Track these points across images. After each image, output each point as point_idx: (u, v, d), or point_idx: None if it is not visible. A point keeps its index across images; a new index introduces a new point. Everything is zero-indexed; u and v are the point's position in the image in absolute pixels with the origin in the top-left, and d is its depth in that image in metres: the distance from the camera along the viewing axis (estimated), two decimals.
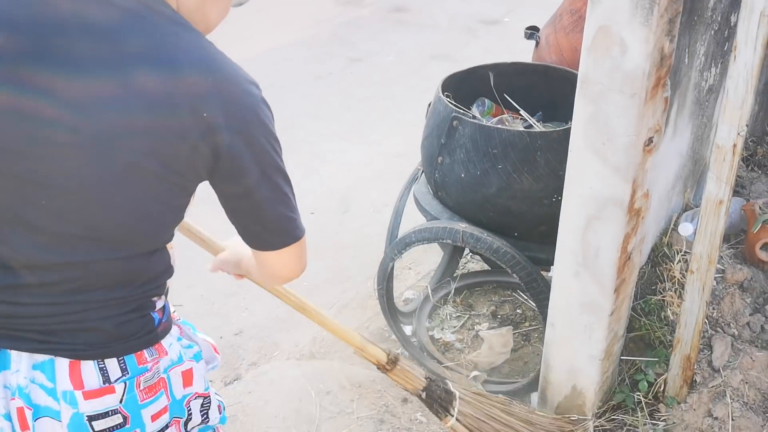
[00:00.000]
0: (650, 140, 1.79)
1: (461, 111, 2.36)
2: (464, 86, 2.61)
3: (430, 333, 2.72)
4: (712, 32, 2.08)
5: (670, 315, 2.16)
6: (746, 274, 2.21)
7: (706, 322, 2.09)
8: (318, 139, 4.26)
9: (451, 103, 2.37)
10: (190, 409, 1.28)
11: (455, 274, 2.91)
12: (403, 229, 2.57)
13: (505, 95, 2.66)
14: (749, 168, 2.78)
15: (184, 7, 1.12)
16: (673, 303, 2.16)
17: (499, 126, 2.34)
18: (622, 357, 2.21)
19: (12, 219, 1.09)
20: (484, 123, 2.34)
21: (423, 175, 2.62)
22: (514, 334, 2.68)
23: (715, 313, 2.16)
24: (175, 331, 1.29)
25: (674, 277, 2.19)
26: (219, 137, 1.07)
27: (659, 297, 2.20)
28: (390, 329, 2.70)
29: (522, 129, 2.37)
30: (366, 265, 3.14)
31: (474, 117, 2.48)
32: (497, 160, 2.21)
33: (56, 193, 1.07)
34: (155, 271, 1.20)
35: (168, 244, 1.23)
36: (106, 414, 1.16)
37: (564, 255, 2.00)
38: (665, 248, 2.27)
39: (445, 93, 2.45)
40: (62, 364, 1.14)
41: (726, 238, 2.31)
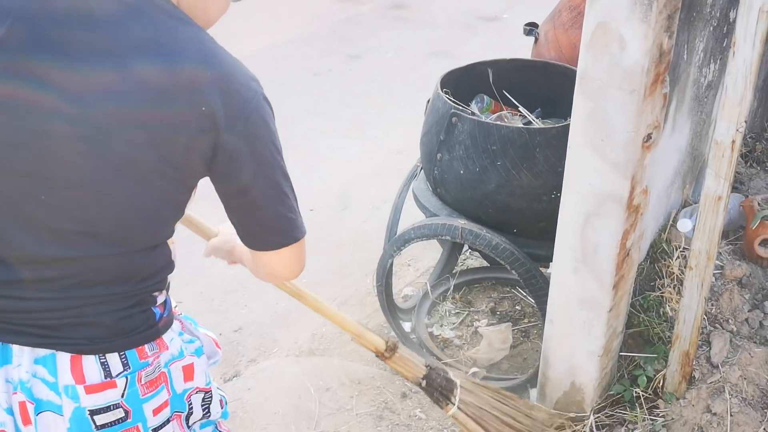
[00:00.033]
0: (649, 136, 1.79)
1: (460, 108, 2.36)
2: (463, 83, 2.60)
3: (429, 329, 2.73)
4: (711, 28, 2.08)
5: (669, 311, 2.16)
6: (745, 270, 2.21)
7: (704, 318, 2.09)
8: (317, 135, 4.26)
9: (450, 100, 2.37)
10: (191, 403, 1.29)
11: (454, 271, 2.92)
12: (402, 226, 2.57)
13: (504, 92, 2.66)
14: (748, 164, 2.79)
15: (184, 2, 1.12)
16: (672, 299, 2.16)
17: (498, 123, 2.34)
18: (621, 353, 2.21)
19: (12, 214, 1.09)
20: (483, 120, 2.34)
21: (422, 171, 2.62)
22: (513, 330, 2.68)
23: (713, 310, 2.17)
24: (176, 326, 1.29)
25: (673, 273, 2.19)
26: (217, 132, 1.07)
27: (658, 293, 2.20)
28: (389, 326, 2.70)
29: (521, 125, 2.37)
30: (365, 261, 3.14)
31: (473, 114, 2.48)
32: (496, 157, 2.22)
33: (55, 189, 1.07)
34: (156, 266, 1.20)
35: (169, 240, 1.23)
36: (108, 408, 1.17)
37: (563, 251, 2.00)
38: (664, 244, 2.27)
39: (444, 90, 2.45)
40: (64, 358, 1.15)
41: (725, 234, 2.31)
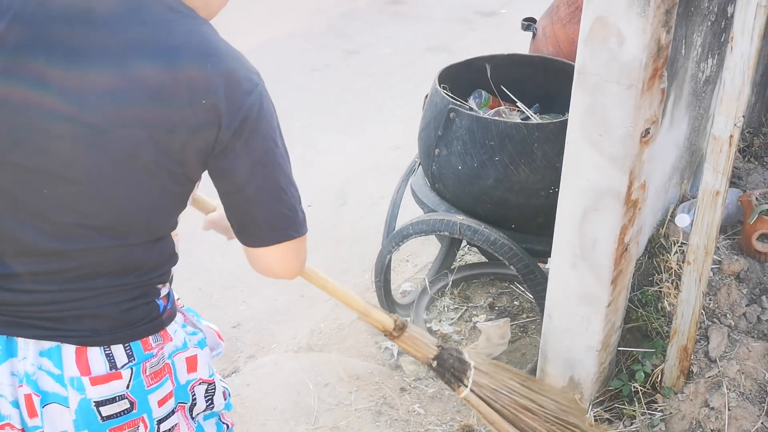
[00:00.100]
0: (647, 131, 1.79)
1: (458, 103, 2.36)
2: (461, 78, 2.60)
3: (428, 325, 2.73)
4: (709, 23, 2.07)
5: (667, 306, 2.17)
6: (743, 265, 2.21)
7: (702, 313, 2.09)
8: (314, 131, 4.26)
9: (448, 95, 2.37)
10: (194, 394, 1.29)
11: (453, 266, 2.92)
12: (401, 222, 2.57)
13: (502, 87, 2.66)
14: (746, 159, 2.79)
15: None
16: (670, 294, 2.16)
17: (496, 118, 2.34)
18: (619, 348, 2.21)
19: (13, 207, 1.09)
20: (481, 115, 2.34)
21: (420, 167, 2.62)
22: (511, 325, 2.69)
23: (711, 304, 2.17)
24: (179, 318, 1.29)
25: (671, 268, 2.20)
26: (218, 126, 1.07)
27: (656, 288, 2.21)
28: None
29: (519, 121, 2.37)
30: (363, 257, 3.14)
31: (471, 109, 2.48)
32: (494, 152, 2.21)
33: (56, 182, 1.07)
34: (159, 258, 1.20)
35: (173, 232, 1.23)
36: (114, 399, 1.17)
37: (561, 246, 2.00)
38: (662, 239, 2.27)
39: (442, 85, 2.45)
40: (69, 350, 1.15)
41: (722, 229, 2.31)
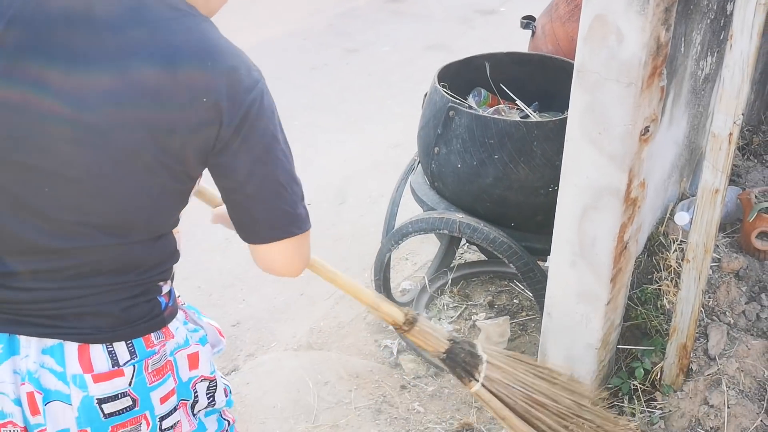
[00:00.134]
0: (646, 129, 1.79)
1: (457, 101, 2.36)
2: (460, 76, 2.60)
3: None
4: (708, 21, 2.07)
5: (667, 304, 2.17)
6: (742, 262, 2.22)
7: (701, 310, 2.09)
8: (314, 130, 4.26)
9: (448, 94, 2.37)
10: (196, 391, 1.29)
11: (452, 265, 2.92)
12: (400, 220, 2.57)
13: (502, 85, 2.66)
14: (745, 157, 2.79)
15: None
16: (669, 292, 2.16)
17: (496, 116, 2.34)
18: (619, 346, 2.22)
19: (15, 206, 1.09)
20: (480, 113, 2.34)
21: (419, 165, 2.62)
22: (511, 324, 2.69)
23: (710, 302, 2.17)
24: (180, 315, 1.29)
25: (670, 266, 2.20)
26: (219, 123, 1.07)
27: (655, 286, 2.21)
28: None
29: (518, 119, 2.37)
30: (363, 255, 3.14)
31: (470, 107, 2.47)
32: (494, 151, 2.21)
33: (57, 181, 1.07)
34: (161, 256, 1.20)
35: (174, 229, 1.23)
36: (116, 397, 1.17)
37: (560, 245, 2.01)
38: (661, 237, 2.27)
39: (442, 83, 2.45)
40: (71, 348, 1.15)
41: (722, 227, 2.31)
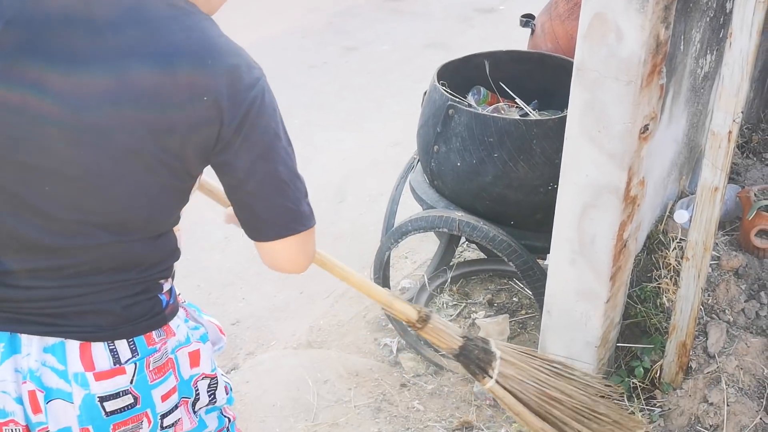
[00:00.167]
0: (646, 127, 1.79)
1: (457, 99, 2.36)
2: (460, 75, 2.60)
3: None
4: (708, 19, 2.07)
5: (666, 302, 2.17)
6: (741, 260, 2.22)
7: (701, 308, 2.10)
8: (313, 128, 4.25)
9: (447, 92, 2.37)
10: (197, 389, 1.29)
11: (451, 263, 2.92)
12: (400, 218, 2.57)
13: (501, 83, 2.66)
14: (744, 155, 2.79)
15: None
16: (669, 290, 2.16)
17: (495, 114, 2.34)
18: (618, 344, 2.22)
19: (15, 204, 1.09)
20: (479, 111, 2.34)
21: (419, 163, 2.62)
22: (510, 322, 2.69)
23: (710, 300, 2.17)
24: (181, 313, 1.29)
25: (670, 264, 2.20)
26: (220, 121, 1.07)
27: (655, 284, 2.21)
28: (387, 318, 2.71)
29: (518, 117, 2.37)
30: (362, 254, 3.14)
31: (470, 105, 2.47)
32: (493, 149, 2.21)
33: (57, 180, 1.07)
34: (162, 254, 1.20)
35: (175, 227, 1.23)
36: (117, 395, 1.17)
37: (560, 243, 2.01)
38: (661, 235, 2.27)
39: (441, 81, 2.44)
40: (73, 346, 1.15)
41: (721, 225, 2.31)
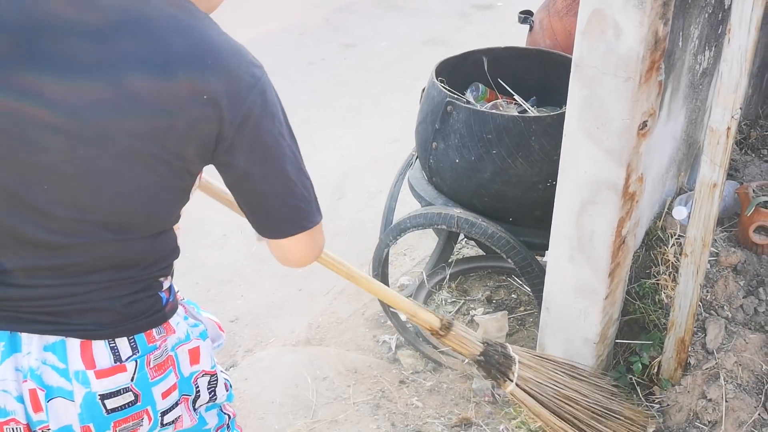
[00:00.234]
0: (644, 124, 1.79)
1: (455, 96, 2.35)
2: (458, 71, 2.60)
3: None
4: (706, 15, 2.07)
5: (665, 298, 2.17)
6: (740, 257, 2.22)
7: (699, 305, 2.10)
8: (311, 125, 4.25)
9: (445, 89, 2.36)
10: (197, 386, 1.29)
11: (450, 260, 2.92)
12: (398, 215, 2.57)
13: (500, 80, 2.66)
14: (743, 151, 2.79)
15: None
16: (668, 286, 2.16)
17: (494, 111, 2.33)
18: (617, 340, 2.22)
19: (15, 203, 1.08)
20: (478, 108, 2.33)
21: (417, 160, 2.62)
22: (509, 318, 2.69)
23: (708, 296, 2.17)
24: (180, 310, 1.29)
25: (668, 260, 2.20)
26: (220, 121, 1.07)
27: (653, 280, 2.21)
28: (386, 315, 2.71)
29: (516, 114, 2.37)
30: (361, 251, 3.14)
31: (468, 102, 2.47)
32: (491, 146, 2.21)
33: (56, 178, 1.06)
34: (162, 252, 1.20)
35: (174, 225, 1.23)
36: (118, 392, 1.17)
37: (558, 239, 2.01)
38: (659, 232, 2.27)
39: (439, 78, 2.44)
40: (73, 344, 1.15)
41: (720, 221, 2.31)
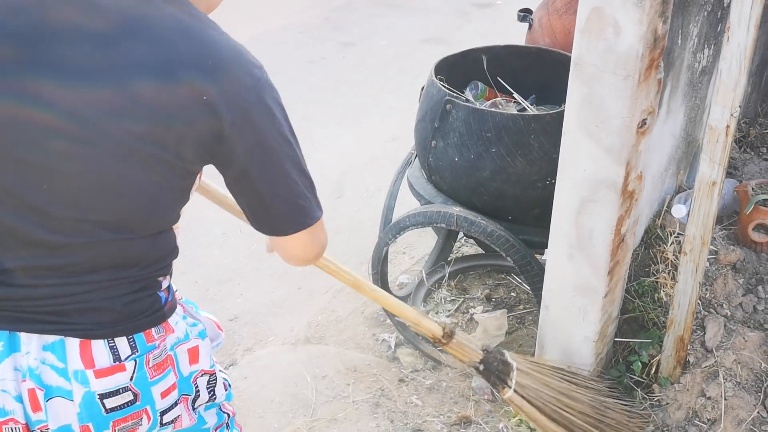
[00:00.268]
0: (643, 122, 1.79)
1: (454, 94, 2.35)
2: (457, 70, 2.60)
3: None
4: (705, 13, 2.07)
5: (664, 296, 2.17)
6: (739, 255, 2.22)
7: (699, 303, 2.10)
8: (311, 124, 4.25)
9: (445, 87, 2.36)
10: (197, 386, 1.30)
11: (449, 258, 2.92)
12: (397, 214, 2.57)
13: (499, 78, 2.66)
14: (742, 149, 2.79)
15: None
16: (667, 284, 2.16)
17: (493, 109, 2.33)
18: (616, 338, 2.22)
19: (15, 203, 1.09)
20: (477, 106, 2.33)
21: (417, 159, 2.62)
22: (508, 317, 2.69)
23: (707, 294, 2.17)
24: (179, 310, 1.29)
25: (667, 258, 2.20)
26: (219, 121, 1.07)
27: (653, 279, 2.21)
28: (385, 314, 2.71)
29: (515, 112, 2.37)
30: (360, 249, 3.14)
31: (467, 100, 2.47)
32: (491, 144, 2.21)
33: (56, 178, 1.07)
34: (161, 252, 1.21)
35: (174, 225, 1.23)
36: (117, 392, 1.17)
37: (558, 238, 2.01)
38: (658, 230, 2.27)
39: (439, 76, 2.44)
40: (73, 344, 1.15)
41: (719, 219, 2.31)
